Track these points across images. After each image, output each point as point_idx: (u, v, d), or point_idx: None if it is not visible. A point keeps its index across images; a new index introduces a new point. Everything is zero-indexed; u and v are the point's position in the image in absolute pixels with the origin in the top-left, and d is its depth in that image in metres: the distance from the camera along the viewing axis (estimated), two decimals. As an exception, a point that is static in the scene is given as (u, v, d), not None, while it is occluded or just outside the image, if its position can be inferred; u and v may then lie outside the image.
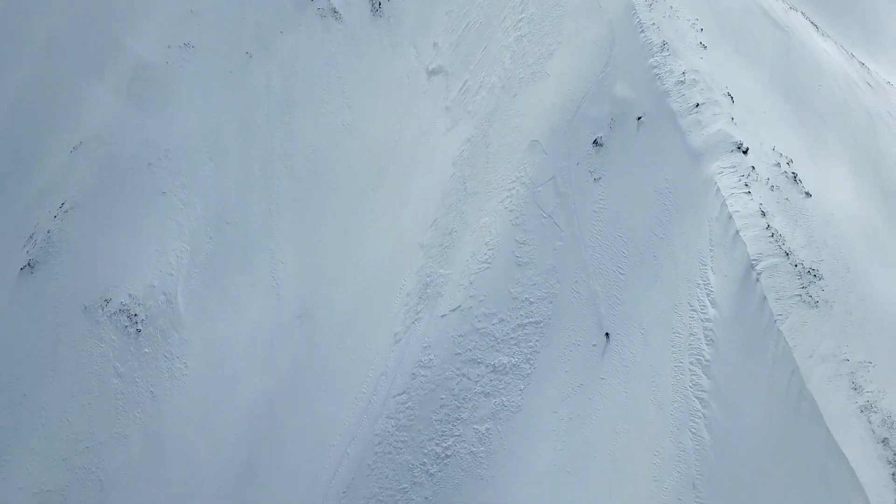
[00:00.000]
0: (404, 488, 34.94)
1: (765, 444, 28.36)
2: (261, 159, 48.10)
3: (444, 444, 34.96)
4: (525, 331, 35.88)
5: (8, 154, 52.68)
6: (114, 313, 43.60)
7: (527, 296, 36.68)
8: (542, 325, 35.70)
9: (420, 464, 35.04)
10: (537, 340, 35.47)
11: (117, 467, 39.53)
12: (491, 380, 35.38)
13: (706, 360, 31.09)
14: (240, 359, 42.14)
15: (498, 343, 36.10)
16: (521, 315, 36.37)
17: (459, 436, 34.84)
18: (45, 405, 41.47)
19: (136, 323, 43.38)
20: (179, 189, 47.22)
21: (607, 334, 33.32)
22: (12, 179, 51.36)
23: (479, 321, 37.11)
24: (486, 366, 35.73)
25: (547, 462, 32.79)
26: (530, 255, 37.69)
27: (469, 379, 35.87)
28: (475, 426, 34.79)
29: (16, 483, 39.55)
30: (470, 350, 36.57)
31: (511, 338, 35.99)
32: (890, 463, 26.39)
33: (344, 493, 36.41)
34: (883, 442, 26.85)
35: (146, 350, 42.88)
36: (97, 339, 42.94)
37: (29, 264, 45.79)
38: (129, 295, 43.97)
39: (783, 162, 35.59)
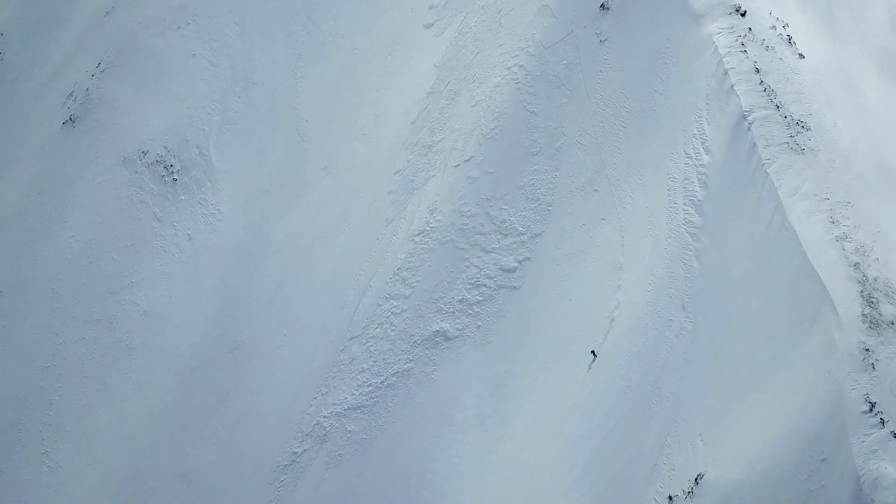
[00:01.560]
0: (411, 343, 38.17)
1: (747, 270, 31.41)
2: (283, 22, 50.46)
3: (452, 302, 38.07)
4: (531, 212, 38.68)
5: (41, 20, 55.11)
6: (151, 164, 46.96)
7: (534, 171, 39.33)
8: (550, 202, 38.46)
9: (428, 329, 38.19)
10: (544, 219, 38.33)
11: (161, 300, 43.35)
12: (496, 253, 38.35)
13: (699, 200, 34.04)
14: (268, 205, 45.45)
15: (504, 227, 38.87)
16: (527, 200, 39.03)
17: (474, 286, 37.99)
18: (91, 243, 45.31)
19: (173, 173, 46.73)
20: (208, 51, 49.82)
21: (593, 352, 34.44)
22: (44, 44, 53.91)
23: (489, 205, 39.68)
24: (488, 252, 38.59)
25: (551, 293, 36.23)
26: (539, 144, 40.12)
27: (474, 265, 38.78)
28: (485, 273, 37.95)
29: (68, 313, 43.48)
30: (479, 233, 39.26)
31: (516, 229, 38.68)
32: (859, 282, 29.11)
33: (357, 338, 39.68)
34: (854, 266, 29.53)
35: (182, 197, 46.27)
36: (137, 186, 46.41)
37: (70, 119, 48.95)
38: (165, 147, 47.22)
39: (779, 25, 37.74)
